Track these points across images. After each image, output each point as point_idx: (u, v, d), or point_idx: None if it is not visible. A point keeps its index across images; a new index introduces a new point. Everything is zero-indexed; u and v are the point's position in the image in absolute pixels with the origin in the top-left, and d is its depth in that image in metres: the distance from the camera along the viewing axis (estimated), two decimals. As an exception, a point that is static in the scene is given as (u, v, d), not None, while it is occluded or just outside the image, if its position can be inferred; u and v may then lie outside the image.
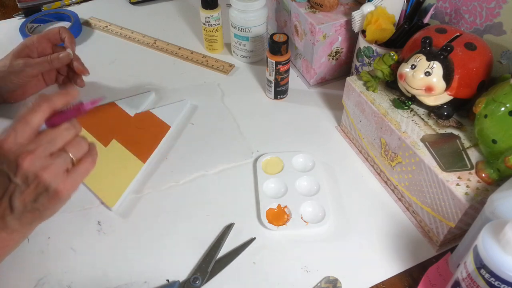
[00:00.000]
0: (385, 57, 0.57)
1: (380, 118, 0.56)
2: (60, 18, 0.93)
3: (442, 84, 0.50)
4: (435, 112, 0.54)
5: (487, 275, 0.36)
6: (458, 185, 0.47)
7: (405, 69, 0.51)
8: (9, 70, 0.65)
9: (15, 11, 0.96)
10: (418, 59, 0.50)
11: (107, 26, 0.91)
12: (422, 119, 0.54)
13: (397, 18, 0.64)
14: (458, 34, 0.52)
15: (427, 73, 0.49)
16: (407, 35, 0.58)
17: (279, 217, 0.55)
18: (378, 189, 0.60)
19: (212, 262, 0.51)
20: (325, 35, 0.68)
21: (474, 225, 0.44)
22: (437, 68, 0.49)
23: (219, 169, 0.62)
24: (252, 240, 0.54)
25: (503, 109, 0.44)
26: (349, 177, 0.61)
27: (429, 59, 0.49)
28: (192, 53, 0.83)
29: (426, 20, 0.62)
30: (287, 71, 0.70)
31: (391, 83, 0.58)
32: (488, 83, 0.52)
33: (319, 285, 0.49)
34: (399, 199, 0.58)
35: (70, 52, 0.69)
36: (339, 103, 0.68)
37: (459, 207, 0.46)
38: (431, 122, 0.54)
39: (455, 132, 0.53)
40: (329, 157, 0.64)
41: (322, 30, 0.67)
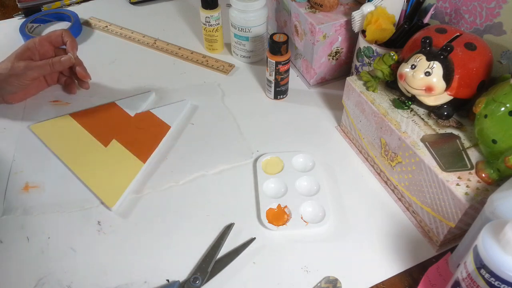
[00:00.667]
0: (385, 57, 0.57)
1: (380, 118, 0.56)
2: (60, 18, 0.93)
3: (442, 84, 0.50)
4: (435, 112, 0.54)
5: (487, 275, 0.36)
6: (458, 185, 0.47)
7: (405, 69, 0.51)
8: (10, 72, 0.65)
9: (15, 11, 0.96)
10: (418, 59, 0.50)
11: (107, 26, 0.91)
12: (422, 119, 0.54)
13: (397, 18, 0.64)
14: (458, 34, 0.52)
15: (427, 73, 0.49)
16: (407, 35, 0.58)
17: (279, 217, 0.55)
18: (378, 189, 0.60)
19: (212, 262, 0.51)
20: (325, 35, 0.68)
21: (474, 225, 0.44)
22: (437, 68, 0.49)
23: (219, 169, 0.62)
24: (252, 240, 0.54)
25: (503, 109, 0.44)
26: (349, 177, 0.61)
27: (429, 59, 0.49)
28: (192, 53, 0.83)
29: (426, 20, 0.62)
30: (287, 71, 0.70)
31: (391, 83, 0.58)
32: (488, 83, 0.52)
33: (319, 285, 0.49)
34: (399, 199, 0.58)
35: (71, 55, 0.69)
36: (339, 103, 0.68)
37: (459, 207, 0.46)
38: (431, 122, 0.54)
39: (455, 132, 0.53)
40: (329, 157, 0.64)
41: (322, 30, 0.67)
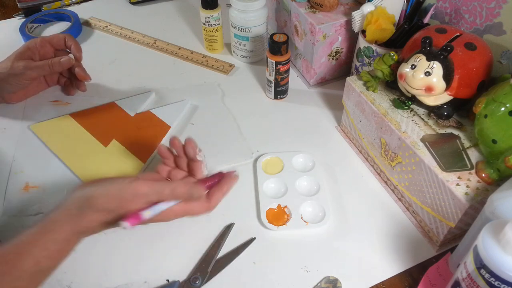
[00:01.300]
0: (385, 57, 0.57)
1: (380, 118, 0.56)
2: (60, 18, 0.93)
3: (442, 84, 0.50)
4: (435, 112, 0.54)
5: (487, 275, 0.36)
6: (458, 185, 0.47)
7: (405, 69, 0.51)
8: (10, 72, 0.65)
9: (15, 11, 0.95)
10: (418, 59, 0.50)
11: (107, 26, 0.91)
12: (422, 119, 0.54)
13: (397, 18, 0.64)
14: (458, 34, 0.52)
15: (427, 73, 0.49)
16: (407, 35, 0.58)
17: (279, 217, 0.55)
18: (378, 189, 0.60)
19: (212, 262, 0.51)
20: (325, 35, 0.68)
21: (474, 225, 0.44)
22: (437, 68, 0.49)
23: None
24: (252, 240, 0.54)
25: (503, 109, 0.44)
26: (349, 177, 0.61)
27: (429, 59, 0.49)
28: (192, 53, 0.83)
29: (426, 20, 0.62)
30: (287, 71, 0.70)
31: (391, 83, 0.58)
32: (488, 83, 0.52)
33: (319, 285, 0.49)
34: (399, 199, 0.58)
35: (71, 56, 0.69)
36: (339, 103, 0.68)
37: (459, 207, 0.46)
38: (431, 122, 0.54)
39: (455, 132, 0.53)
40: (329, 157, 0.63)
41: (322, 30, 0.67)
